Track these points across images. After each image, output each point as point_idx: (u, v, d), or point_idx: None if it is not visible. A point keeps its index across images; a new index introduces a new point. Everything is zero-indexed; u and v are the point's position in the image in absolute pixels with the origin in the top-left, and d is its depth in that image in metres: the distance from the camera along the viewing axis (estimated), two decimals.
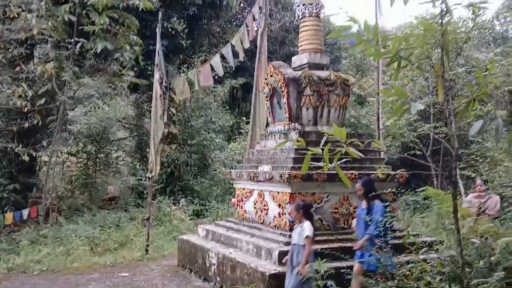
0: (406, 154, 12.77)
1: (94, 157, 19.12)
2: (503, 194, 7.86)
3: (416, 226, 10.30)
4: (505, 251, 5.33)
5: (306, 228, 6.02)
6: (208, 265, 8.27)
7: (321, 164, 4.53)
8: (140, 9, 12.61)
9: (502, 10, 16.17)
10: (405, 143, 15.13)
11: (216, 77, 13.65)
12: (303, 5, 8.97)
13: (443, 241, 7.41)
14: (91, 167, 19.16)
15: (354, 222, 6.96)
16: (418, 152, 14.58)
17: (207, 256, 8.34)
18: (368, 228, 6.20)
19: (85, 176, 18.87)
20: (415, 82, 15.26)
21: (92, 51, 12.94)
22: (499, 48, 12.53)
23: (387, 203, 7.98)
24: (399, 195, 9.91)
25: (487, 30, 13.28)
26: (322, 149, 4.27)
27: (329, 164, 4.30)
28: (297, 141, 4.74)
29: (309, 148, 4.35)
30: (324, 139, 4.32)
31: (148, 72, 17.40)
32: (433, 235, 8.42)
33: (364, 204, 6.64)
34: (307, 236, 5.96)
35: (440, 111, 14.42)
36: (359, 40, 4.36)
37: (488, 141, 12.39)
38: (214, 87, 19.45)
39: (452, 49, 4.04)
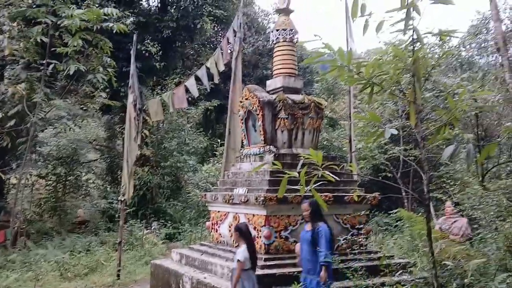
0: (378, 176, 12.98)
1: (64, 179, 18.75)
2: (473, 216, 8.06)
3: (388, 248, 10.43)
4: (477, 273, 5.45)
5: (239, 252, 6.10)
6: None
7: (297, 187, 4.59)
8: (113, 31, 12.63)
9: (467, 36, 16.87)
10: (376, 165, 15.40)
11: (190, 99, 13.69)
12: (277, 30, 9.15)
13: (416, 263, 7.54)
14: (60, 189, 18.76)
15: (297, 246, 6.53)
16: (388, 174, 14.84)
17: (181, 281, 8.21)
18: (320, 255, 5.76)
19: (54, 199, 18.45)
20: (384, 106, 15.63)
21: (65, 73, 12.81)
22: (466, 74, 13.01)
23: (361, 225, 8.12)
24: (371, 217, 10.06)
25: (454, 56, 13.80)
26: (298, 172, 4.31)
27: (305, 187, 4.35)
28: (274, 164, 4.78)
29: (284, 170, 4.40)
30: (301, 162, 4.38)
31: (121, 94, 17.33)
32: (406, 257, 8.55)
33: (308, 226, 6.22)
34: (238, 260, 6.02)
35: (409, 134, 14.77)
36: (333, 66, 4.49)
37: (457, 164, 12.74)
38: (188, 109, 19.45)
39: (422, 74, 4.18)
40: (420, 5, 4.09)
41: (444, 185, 12.24)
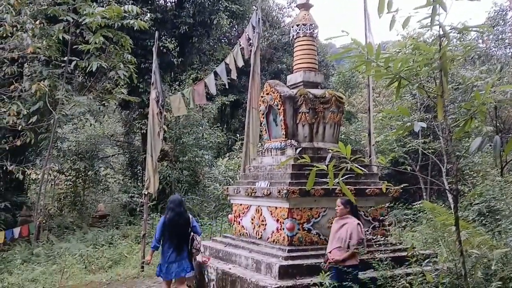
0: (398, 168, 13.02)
1: (83, 174, 19.10)
2: (495, 207, 8.10)
3: (408, 240, 10.51)
4: (500, 262, 5.53)
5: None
6: (207, 280, 8.33)
7: (324, 180, 4.71)
8: (132, 28, 12.82)
9: (485, 29, 16.66)
10: (394, 158, 15.44)
11: (207, 94, 13.85)
12: (297, 25, 9.24)
13: (437, 254, 7.63)
14: (80, 184, 19.13)
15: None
16: (408, 167, 14.89)
17: (205, 272, 8.41)
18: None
19: (74, 194, 18.83)
20: (402, 99, 15.64)
21: (87, 70, 13.04)
22: (484, 66, 12.97)
23: (383, 217, 8.22)
24: (390, 210, 10.14)
25: (472, 49, 13.74)
26: (326, 165, 4.43)
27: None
28: (301, 157, 4.92)
29: (313, 164, 4.52)
30: (329, 155, 4.51)
31: (140, 90, 17.56)
32: (426, 248, 8.64)
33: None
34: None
35: (428, 127, 14.78)
36: (360, 61, 4.59)
37: (475, 156, 12.74)
38: (205, 105, 19.64)
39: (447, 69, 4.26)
40: (447, 1, 4.18)
41: (465, 177, 12.26)
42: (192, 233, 7.67)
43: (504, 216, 7.00)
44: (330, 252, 6.47)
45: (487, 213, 9.20)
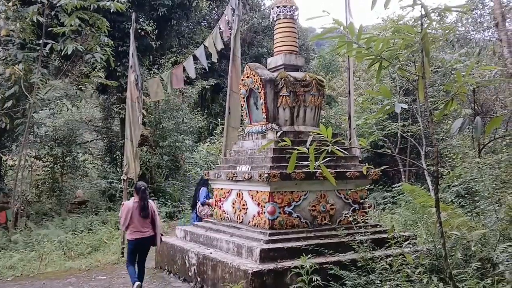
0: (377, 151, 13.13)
1: (61, 160, 18.77)
2: (471, 188, 8.23)
3: (387, 222, 10.63)
4: (479, 243, 5.61)
5: None
6: (188, 265, 8.30)
7: (304, 163, 4.67)
8: (109, 10, 12.51)
9: (465, 9, 16.70)
10: (374, 141, 15.55)
11: (186, 78, 13.67)
12: (277, 7, 9.11)
13: (417, 236, 7.72)
14: (58, 170, 18.81)
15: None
16: (387, 150, 15.02)
17: (186, 256, 8.37)
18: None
19: (52, 180, 18.51)
20: (381, 82, 15.69)
21: (62, 53, 12.72)
22: (463, 49, 13.05)
23: (363, 200, 8.26)
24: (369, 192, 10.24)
25: (451, 32, 13.82)
26: (307, 148, 4.38)
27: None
28: (283, 141, 4.85)
29: (294, 147, 4.47)
30: (310, 138, 4.46)
31: (118, 74, 17.25)
32: (406, 230, 8.74)
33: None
34: None
35: (407, 111, 14.88)
36: (341, 41, 4.53)
37: (453, 139, 12.88)
38: (184, 89, 19.42)
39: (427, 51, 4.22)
40: None
41: (444, 159, 12.42)
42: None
43: (482, 198, 7.09)
44: None
45: (465, 195, 9.35)
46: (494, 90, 13.56)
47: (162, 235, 8.35)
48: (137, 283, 7.37)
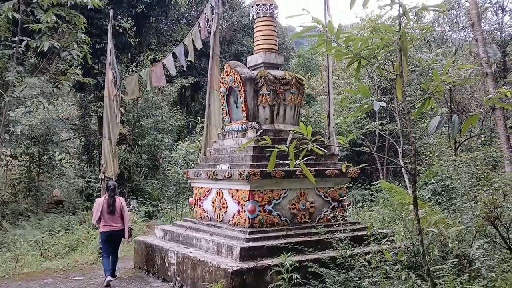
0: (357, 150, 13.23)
1: (38, 159, 18.44)
2: (448, 185, 8.37)
3: (366, 220, 10.74)
4: (455, 240, 5.71)
5: None
6: (167, 265, 8.24)
7: (284, 162, 4.67)
8: (86, 7, 12.31)
9: (442, 9, 16.88)
10: (352, 140, 15.68)
11: (166, 76, 13.57)
12: (257, 5, 9.10)
13: (395, 233, 7.82)
14: (34, 170, 18.46)
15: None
16: (366, 149, 15.16)
17: (165, 256, 8.30)
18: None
19: (28, 180, 18.17)
20: (360, 81, 15.82)
21: (38, 50, 12.46)
22: (440, 49, 13.26)
23: (342, 198, 8.32)
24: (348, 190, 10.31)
25: (428, 31, 14.04)
26: (287, 147, 4.38)
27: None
28: (263, 139, 4.84)
29: (275, 146, 4.46)
30: (290, 136, 4.46)
31: (95, 71, 17.01)
32: (384, 227, 8.84)
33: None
34: None
35: (385, 109, 15.06)
36: (320, 40, 4.54)
37: (430, 137, 13.10)
38: (164, 87, 19.26)
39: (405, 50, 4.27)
40: None
41: (421, 157, 12.60)
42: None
43: (459, 195, 7.22)
44: None
45: (442, 192, 9.50)
46: (470, 89, 13.82)
47: (131, 229, 9.07)
48: (108, 278, 8.06)
